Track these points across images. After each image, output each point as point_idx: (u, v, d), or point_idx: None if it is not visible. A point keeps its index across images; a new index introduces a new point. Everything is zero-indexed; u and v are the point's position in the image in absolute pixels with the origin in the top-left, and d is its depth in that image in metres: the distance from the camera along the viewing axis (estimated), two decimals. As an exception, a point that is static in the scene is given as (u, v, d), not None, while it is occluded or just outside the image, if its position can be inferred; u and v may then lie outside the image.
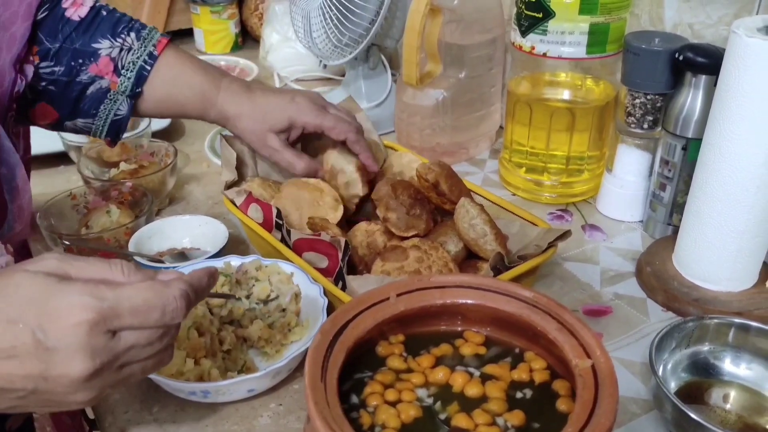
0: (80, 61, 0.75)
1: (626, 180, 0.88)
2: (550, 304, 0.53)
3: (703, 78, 0.76)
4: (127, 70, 0.76)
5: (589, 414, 0.44)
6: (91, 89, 0.76)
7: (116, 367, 0.46)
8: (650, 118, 0.83)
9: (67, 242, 0.76)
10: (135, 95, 0.78)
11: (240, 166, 0.82)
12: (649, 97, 0.82)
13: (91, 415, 0.94)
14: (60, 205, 0.85)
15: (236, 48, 1.56)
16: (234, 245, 0.83)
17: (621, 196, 0.89)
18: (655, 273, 0.76)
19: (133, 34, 0.77)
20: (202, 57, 1.44)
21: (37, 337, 0.43)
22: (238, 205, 0.77)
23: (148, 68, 0.77)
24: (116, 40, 0.76)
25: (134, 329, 0.46)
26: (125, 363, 0.47)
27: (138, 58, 0.77)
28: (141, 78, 0.77)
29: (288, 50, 1.36)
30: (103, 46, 0.76)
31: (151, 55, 0.77)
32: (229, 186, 0.80)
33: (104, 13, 0.78)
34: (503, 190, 0.97)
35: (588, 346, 0.49)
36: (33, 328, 0.43)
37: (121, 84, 0.76)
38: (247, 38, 1.60)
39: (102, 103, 0.77)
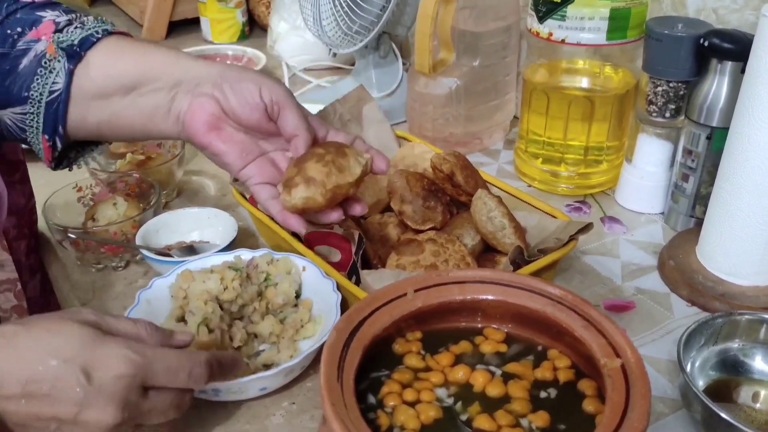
0: (18, 29, 0.61)
1: (647, 171, 0.85)
2: (575, 300, 0.50)
3: (729, 64, 0.73)
4: (72, 33, 0.61)
5: (621, 417, 0.42)
6: (24, 62, 0.61)
7: (135, 422, 0.50)
8: (673, 106, 0.80)
9: (73, 236, 0.75)
10: (75, 57, 0.60)
11: (249, 157, 0.80)
12: (671, 84, 0.79)
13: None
14: (65, 197, 0.84)
15: (243, 37, 1.53)
16: (243, 238, 0.81)
17: (641, 188, 0.86)
18: (678, 267, 0.73)
19: (91, 17, 0.64)
20: (207, 46, 1.43)
21: (81, 381, 0.46)
22: (248, 197, 0.75)
23: (98, 36, 0.61)
24: (68, 14, 0.63)
25: (161, 390, 0.50)
26: (144, 420, 0.50)
27: (89, 29, 0.62)
28: (86, 42, 0.61)
29: (296, 39, 1.34)
30: (50, 13, 0.63)
31: (106, 31, 0.62)
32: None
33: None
34: (518, 181, 0.94)
35: (617, 344, 0.47)
36: (79, 372, 0.46)
37: (59, 42, 0.60)
38: (254, 27, 1.58)
39: (36, 75, 0.60)
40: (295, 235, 0.71)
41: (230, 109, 0.61)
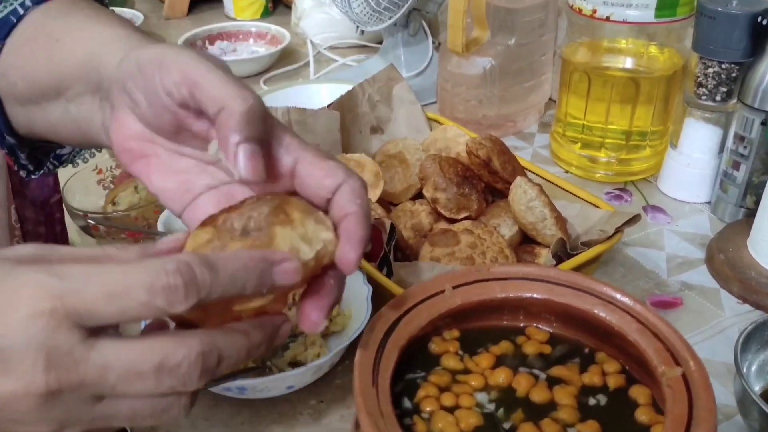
0: None
1: (693, 157, 0.80)
2: (631, 301, 0.47)
3: (788, 45, 0.68)
4: None
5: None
6: None
7: (89, 395, 0.31)
8: (724, 89, 0.75)
9: (92, 221, 0.72)
10: None
11: (275, 139, 0.77)
12: (723, 66, 0.74)
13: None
14: (85, 179, 0.81)
15: (267, 14, 1.49)
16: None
17: (687, 175, 0.81)
18: (728, 261, 0.69)
19: None
20: (230, 23, 1.39)
21: None
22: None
23: (21, 12, 0.46)
24: None
25: (117, 342, 0.31)
26: (104, 394, 0.31)
27: (13, 1, 0.46)
28: (5, 23, 0.46)
29: (322, 16, 1.29)
30: None
31: (35, 1, 0.47)
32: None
33: None
34: (554, 166, 0.90)
35: (676, 351, 0.43)
36: None
37: None
38: (278, 3, 1.54)
39: None
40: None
41: (146, 118, 0.40)
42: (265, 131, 0.37)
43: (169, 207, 0.42)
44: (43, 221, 0.79)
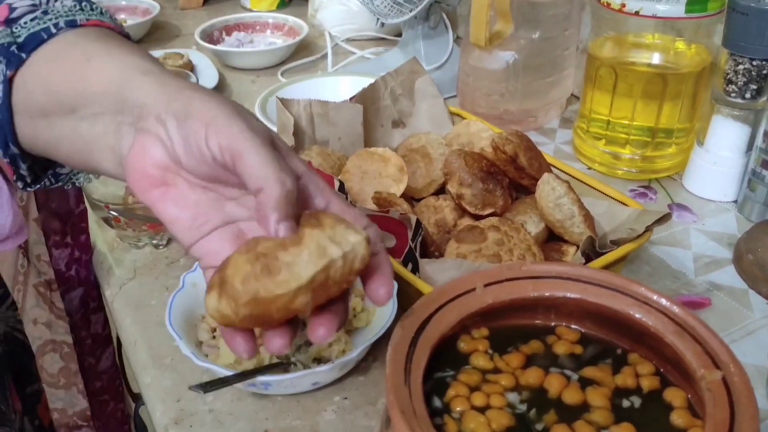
0: None
1: (720, 155, 0.79)
2: (668, 302, 0.46)
3: (823, 41, 0.67)
4: (25, 26, 0.46)
5: (727, 439, 0.38)
6: None
7: None
8: (754, 86, 0.74)
9: (114, 212, 0.71)
10: (14, 60, 0.45)
11: (297, 132, 0.76)
12: (755, 63, 0.73)
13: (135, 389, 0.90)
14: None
15: (283, 5, 1.48)
16: (289, 218, 0.78)
17: (713, 173, 0.80)
18: (758, 261, 0.68)
19: (70, 2, 0.48)
20: (246, 14, 1.38)
21: None
22: (296, 174, 0.71)
23: (53, 32, 0.46)
24: None
25: None
26: None
27: (49, 20, 0.46)
28: (33, 40, 0.45)
29: (340, 7, 1.28)
30: None
31: (72, 23, 0.47)
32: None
33: None
34: (577, 162, 0.89)
35: (715, 354, 0.42)
36: None
37: (2, 36, 0.45)
38: (294, -5, 1.53)
39: None
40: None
41: (177, 156, 0.41)
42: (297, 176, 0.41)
43: (180, 237, 0.43)
44: (69, 232, 0.79)
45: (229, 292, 0.36)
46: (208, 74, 1.15)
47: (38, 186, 0.51)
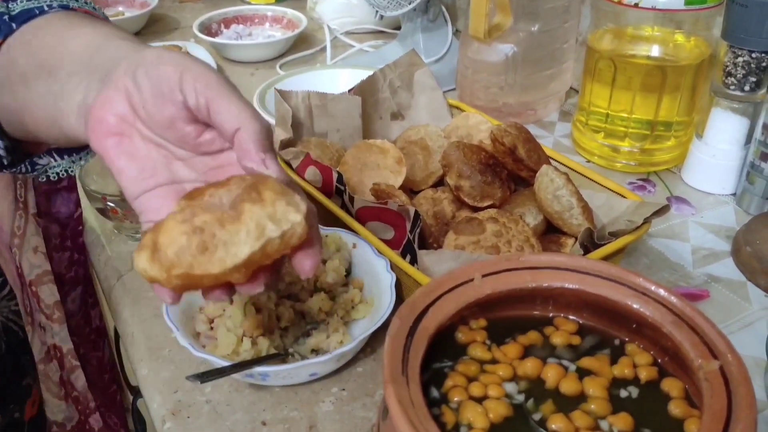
0: None
1: (719, 148, 0.79)
2: (666, 293, 0.46)
3: (823, 34, 0.66)
4: (20, 3, 0.49)
5: (724, 428, 0.38)
6: None
7: None
8: (753, 79, 0.74)
9: (111, 203, 0.71)
10: (5, 29, 0.48)
11: (295, 124, 0.76)
12: (754, 55, 0.73)
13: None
14: (102, 162, 0.80)
15: (282, -2, 1.48)
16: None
17: (712, 166, 0.80)
18: (756, 254, 0.68)
19: None
20: (245, 7, 1.38)
21: None
22: (294, 167, 0.71)
23: (45, 10, 0.49)
24: None
25: None
26: None
27: (45, 0, 0.50)
28: (26, 15, 0.48)
29: (338, 0, 1.28)
30: None
31: (64, 6, 0.50)
32: (284, 146, 0.73)
33: None
34: (576, 155, 0.89)
35: (713, 345, 0.42)
36: None
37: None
38: (293, -13, 1.52)
39: None
40: (344, 208, 0.67)
41: (142, 106, 0.43)
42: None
43: (125, 188, 0.45)
44: (69, 235, 0.79)
45: (161, 260, 0.37)
46: (206, 67, 1.14)
47: (13, 170, 0.52)
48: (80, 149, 0.55)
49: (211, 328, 0.57)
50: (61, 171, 0.56)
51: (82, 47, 0.46)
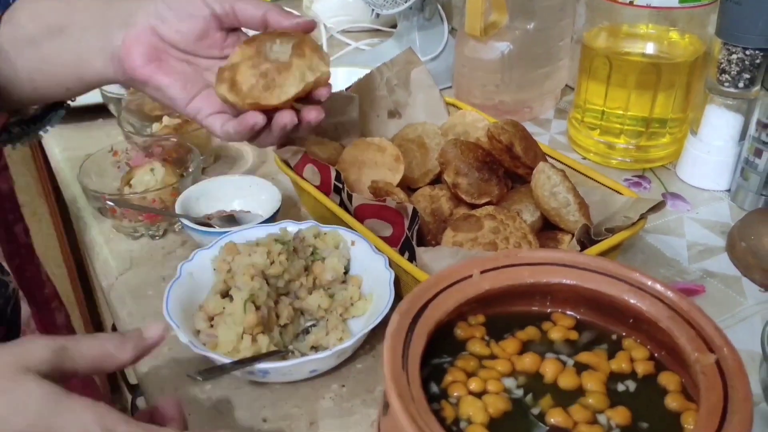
0: None
1: (713, 145, 0.80)
2: (662, 288, 0.46)
3: (816, 31, 0.67)
4: None
5: (720, 421, 0.38)
6: None
7: None
8: (747, 76, 0.75)
9: (111, 202, 0.71)
10: (3, 4, 0.57)
11: (293, 122, 0.76)
12: (748, 52, 0.73)
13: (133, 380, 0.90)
14: (100, 161, 0.80)
15: (278, -3, 1.48)
16: (284, 208, 0.78)
17: (707, 162, 0.81)
18: (750, 249, 0.69)
19: None
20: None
21: None
22: (292, 165, 0.71)
23: None
24: None
25: None
26: None
27: None
28: None
29: (334, -1, 1.28)
30: None
31: None
32: (282, 144, 0.73)
33: None
34: (572, 152, 0.90)
35: (709, 338, 0.43)
36: None
37: None
38: (289, -13, 1.52)
39: None
40: (342, 206, 0.67)
41: (170, 32, 0.56)
42: None
43: (176, 98, 0.57)
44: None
45: (237, 91, 0.55)
46: (202, 66, 1.14)
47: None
48: (36, 120, 0.64)
49: (211, 326, 0.57)
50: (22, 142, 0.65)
51: (89, 4, 0.56)
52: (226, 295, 0.59)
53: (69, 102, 0.66)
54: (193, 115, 0.59)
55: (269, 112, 0.57)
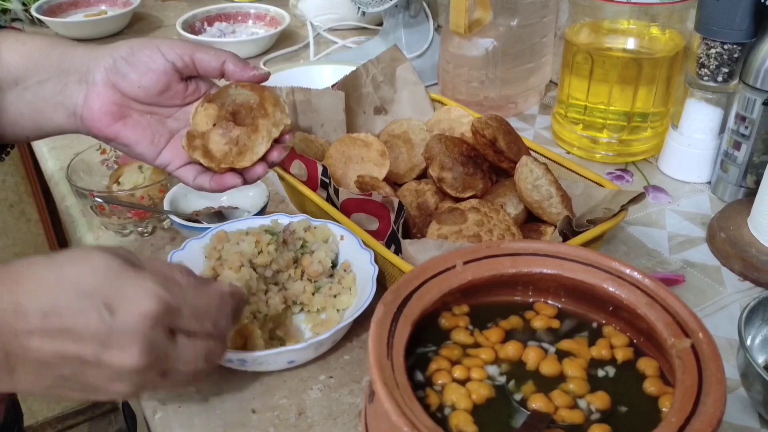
0: None
1: (694, 138, 0.81)
2: (640, 276, 0.47)
3: (791, 25, 0.69)
4: None
5: (695, 402, 0.39)
6: None
7: (162, 369, 0.44)
8: (726, 69, 0.76)
9: (99, 199, 0.72)
10: None
11: (280, 119, 0.77)
12: (726, 46, 0.75)
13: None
14: (88, 159, 0.81)
15: (265, -5, 1.48)
16: (271, 205, 0.79)
17: (687, 155, 0.82)
18: (729, 239, 0.70)
19: None
20: (228, 4, 1.38)
21: (103, 317, 0.41)
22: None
23: None
24: None
25: (191, 336, 0.45)
26: (170, 369, 0.44)
27: None
28: None
29: (321, -3, 1.29)
30: None
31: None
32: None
33: None
34: (556, 147, 0.91)
35: (685, 324, 0.44)
36: (101, 306, 0.41)
37: None
38: (276, -15, 1.53)
39: None
40: (329, 201, 0.68)
41: (131, 88, 0.55)
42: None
43: (145, 153, 0.57)
44: None
45: (212, 158, 0.56)
46: (190, 64, 1.15)
47: None
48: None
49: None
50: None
51: (44, 57, 0.56)
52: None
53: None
54: (162, 167, 0.59)
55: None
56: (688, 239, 0.73)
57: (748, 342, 0.56)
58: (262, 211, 0.71)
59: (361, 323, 0.58)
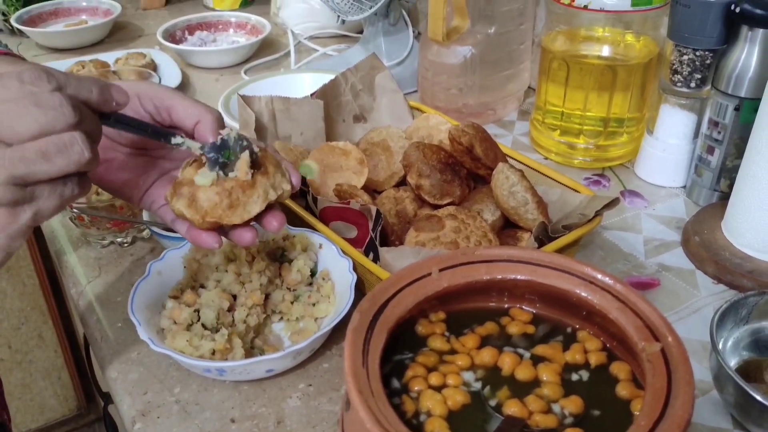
0: None
1: (669, 143, 0.82)
2: (611, 281, 0.48)
3: (760, 32, 0.70)
4: None
5: (664, 405, 0.40)
6: None
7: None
8: (698, 76, 0.77)
9: (76, 210, 0.72)
10: None
11: (259, 128, 0.77)
12: (698, 53, 0.76)
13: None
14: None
15: (245, 4, 1.49)
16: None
17: (663, 160, 0.83)
18: (703, 243, 0.71)
19: None
20: (209, 13, 1.38)
21: None
22: (258, 170, 0.72)
23: None
24: None
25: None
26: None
27: None
28: None
29: (302, 5, 1.29)
30: None
31: None
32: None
33: None
34: (534, 153, 0.92)
35: (655, 328, 0.45)
36: None
37: None
38: (257, -6, 1.53)
39: None
40: (309, 209, 0.68)
41: (113, 135, 0.52)
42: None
43: (130, 195, 0.55)
44: None
45: (197, 209, 0.50)
46: (171, 73, 1.15)
47: None
48: None
49: (175, 323, 0.58)
50: None
51: None
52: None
53: None
54: (146, 208, 0.57)
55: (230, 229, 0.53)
56: (664, 243, 0.74)
57: (720, 345, 0.57)
58: (241, 221, 0.71)
59: (340, 331, 0.58)
